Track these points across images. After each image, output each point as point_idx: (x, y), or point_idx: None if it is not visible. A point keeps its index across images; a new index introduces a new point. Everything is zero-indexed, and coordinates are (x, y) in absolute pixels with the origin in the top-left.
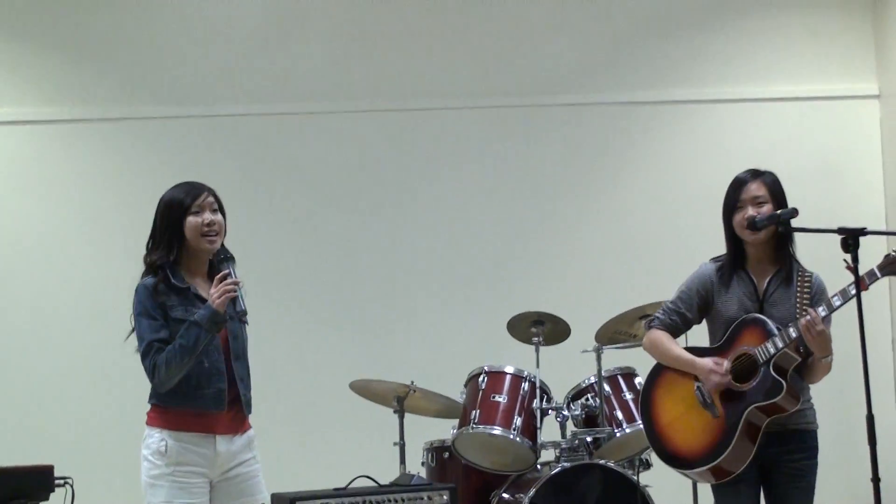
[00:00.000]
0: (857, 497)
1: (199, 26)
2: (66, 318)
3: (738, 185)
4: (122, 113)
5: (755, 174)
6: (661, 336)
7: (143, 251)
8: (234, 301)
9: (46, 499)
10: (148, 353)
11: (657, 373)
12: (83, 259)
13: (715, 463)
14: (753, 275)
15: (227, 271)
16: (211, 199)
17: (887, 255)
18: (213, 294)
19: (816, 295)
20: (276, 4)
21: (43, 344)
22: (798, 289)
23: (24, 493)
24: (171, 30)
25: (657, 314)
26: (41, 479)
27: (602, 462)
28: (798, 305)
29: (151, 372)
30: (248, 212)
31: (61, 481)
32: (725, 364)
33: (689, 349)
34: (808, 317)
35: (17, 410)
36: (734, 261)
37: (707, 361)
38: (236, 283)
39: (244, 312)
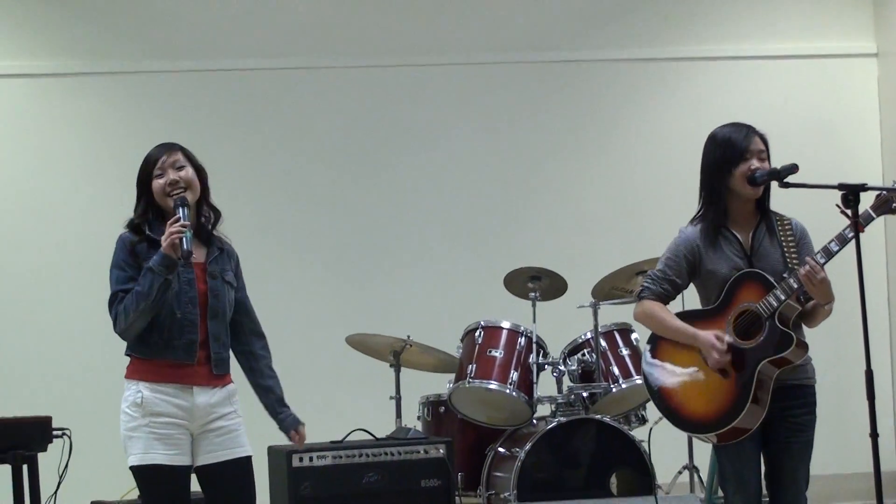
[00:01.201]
0: (854, 452)
1: None
2: (64, 272)
3: (742, 138)
4: (118, 67)
5: (754, 129)
6: (654, 307)
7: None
8: (217, 261)
9: (44, 449)
10: (112, 302)
11: (655, 341)
12: (80, 213)
13: (734, 423)
14: (735, 231)
15: (178, 215)
16: (175, 156)
17: (879, 195)
18: (162, 238)
19: (801, 239)
20: None
21: (42, 297)
22: (782, 237)
23: (23, 443)
24: None
25: (646, 283)
26: (39, 429)
27: (598, 417)
28: (786, 254)
29: (115, 320)
30: (244, 166)
31: (59, 432)
32: (726, 340)
33: (686, 313)
34: (807, 266)
35: (15, 362)
36: (719, 218)
37: (709, 336)
38: (184, 226)
39: (188, 253)
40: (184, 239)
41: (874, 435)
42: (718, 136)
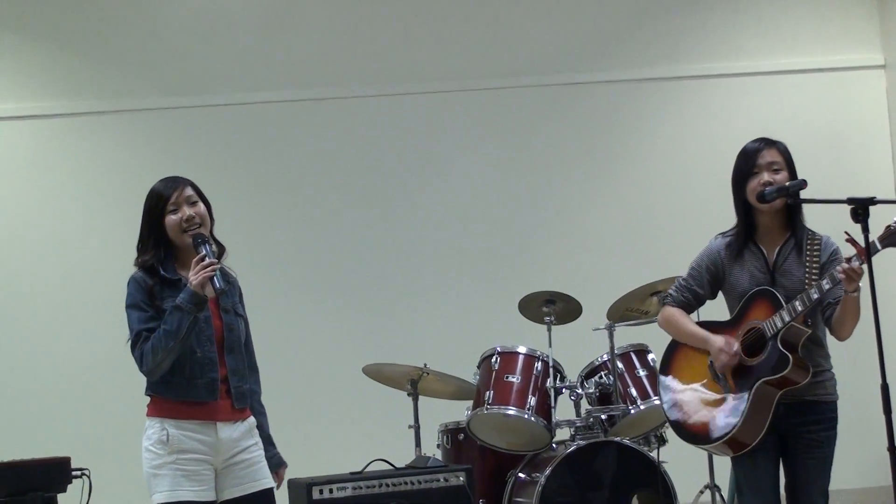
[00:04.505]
0: (875, 466)
1: (199, 17)
2: (79, 311)
3: (752, 153)
4: (122, 105)
5: (769, 142)
6: (674, 312)
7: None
8: (228, 295)
9: (64, 490)
10: (136, 342)
11: (673, 350)
12: (91, 252)
13: (728, 436)
14: (763, 245)
15: (203, 253)
16: (188, 192)
17: (888, 227)
18: (191, 276)
19: (830, 258)
20: None
21: (58, 337)
22: (808, 255)
23: (42, 485)
24: (170, 21)
25: (670, 291)
26: (58, 471)
27: (617, 439)
28: (808, 272)
29: (140, 360)
30: (256, 200)
31: (78, 473)
32: (735, 346)
33: (702, 324)
34: (846, 265)
35: (33, 403)
36: (745, 232)
37: (719, 340)
38: (213, 264)
39: (222, 290)
40: (215, 277)
41: (892, 449)
42: (741, 150)
